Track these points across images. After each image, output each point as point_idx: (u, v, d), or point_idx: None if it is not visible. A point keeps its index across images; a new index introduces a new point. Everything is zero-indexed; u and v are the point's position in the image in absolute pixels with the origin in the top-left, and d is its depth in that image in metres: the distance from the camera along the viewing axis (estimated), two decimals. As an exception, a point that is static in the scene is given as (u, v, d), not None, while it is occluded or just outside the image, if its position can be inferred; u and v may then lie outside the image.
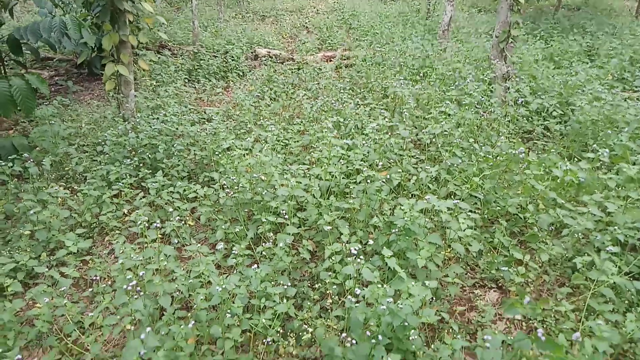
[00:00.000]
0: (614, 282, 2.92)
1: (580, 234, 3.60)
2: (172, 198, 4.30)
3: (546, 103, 6.07)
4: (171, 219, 3.87)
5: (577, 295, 3.32)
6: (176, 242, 3.82)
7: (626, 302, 3.12)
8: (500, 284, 3.55)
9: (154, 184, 4.36)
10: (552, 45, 9.40)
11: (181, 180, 4.77)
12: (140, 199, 4.30)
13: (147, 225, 3.71)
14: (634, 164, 4.44)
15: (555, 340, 2.42)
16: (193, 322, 2.66)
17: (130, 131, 5.31)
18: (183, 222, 4.08)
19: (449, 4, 9.73)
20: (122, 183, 4.45)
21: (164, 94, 7.15)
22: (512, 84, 6.36)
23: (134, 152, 5.09)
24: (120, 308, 2.84)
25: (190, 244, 3.76)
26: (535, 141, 5.75)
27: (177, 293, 3.09)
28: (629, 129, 5.19)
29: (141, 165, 4.97)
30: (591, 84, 6.66)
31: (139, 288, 2.81)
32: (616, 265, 3.07)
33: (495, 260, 3.55)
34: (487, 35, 11.17)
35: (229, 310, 2.81)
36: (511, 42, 6.60)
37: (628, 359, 2.82)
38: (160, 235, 3.96)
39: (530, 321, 3.16)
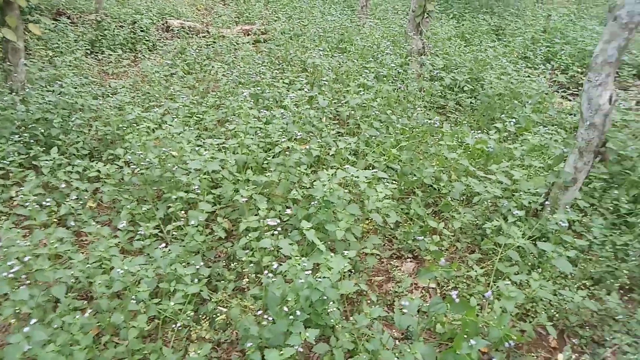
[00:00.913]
0: (519, 246, 3.07)
1: (489, 201, 3.75)
2: (70, 178, 3.88)
3: (458, 78, 6.27)
4: (68, 200, 3.49)
5: (487, 260, 3.46)
6: (73, 224, 3.45)
7: (529, 263, 3.30)
8: (416, 254, 3.62)
9: (47, 162, 3.90)
10: (463, 24, 9.76)
11: (81, 159, 4.33)
12: (31, 179, 3.83)
13: (38, 207, 3.32)
14: (536, 134, 4.72)
15: (466, 301, 2.48)
16: (91, 311, 2.40)
17: (18, 104, 4.71)
18: (83, 204, 3.69)
19: (366, -21, 9.72)
20: (9, 162, 3.94)
21: (61, 64, 6.45)
22: (427, 58, 6.48)
23: (23, 128, 4.53)
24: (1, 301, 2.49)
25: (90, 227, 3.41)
26: (448, 115, 5.93)
27: (74, 281, 2.78)
28: (531, 101, 5.51)
29: (33, 142, 4.43)
30: (498, 60, 6.99)
31: (24, 276, 2.48)
32: (521, 230, 3.23)
33: (412, 231, 3.60)
34: (404, 12, 11.35)
35: (133, 297, 2.58)
36: (426, 17, 6.71)
37: (530, 317, 2.98)
38: (55, 220, 3.58)
39: (444, 288, 3.24)
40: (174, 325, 2.56)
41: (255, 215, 3.49)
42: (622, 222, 3.76)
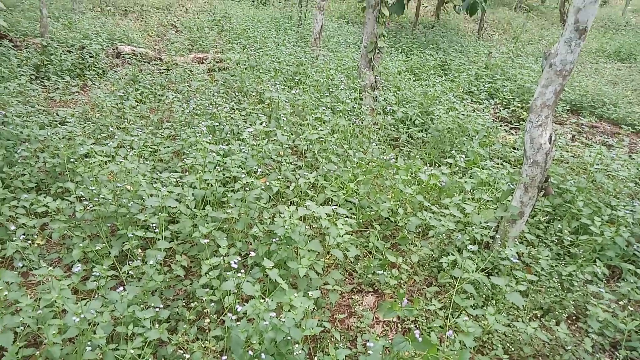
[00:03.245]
0: (474, 279, 3.20)
1: (443, 234, 3.90)
2: (16, 213, 3.67)
3: (410, 112, 6.54)
4: (14, 238, 3.30)
5: (444, 293, 3.57)
6: (21, 265, 3.26)
7: (484, 296, 3.44)
8: (376, 288, 3.68)
9: (-10, 197, 3.68)
10: (411, 59, 10.21)
11: (28, 192, 4.12)
12: (-28, 216, 3.60)
13: (-20, 248, 3.11)
14: (483, 168, 4.97)
15: (429, 339, 2.55)
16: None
17: (-44, 135, 4.44)
18: (30, 241, 3.50)
19: (319, 12, 10.01)
20: (-53, 197, 3.69)
21: (3, 91, 6.15)
22: (379, 93, 6.72)
23: (-38, 160, 4.26)
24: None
25: (39, 267, 3.23)
26: (401, 148, 6.14)
27: (23, 327, 2.61)
28: (478, 136, 5.81)
29: (-27, 175, 4.17)
30: (446, 95, 7.36)
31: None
32: (474, 263, 3.37)
33: (371, 265, 3.66)
34: (355, 45, 11.74)
35: (89, 343, 2.46)
36: (378, 52, 6.98)
37: (487, 349, 3.10)
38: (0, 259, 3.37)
39: (405, 322, 3.31)
40: (132, 373, 2.45)
41: (215, 251, 3.46)
42: (565, 253, 4.02)
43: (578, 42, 3.35)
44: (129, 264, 3.07)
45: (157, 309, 2.75)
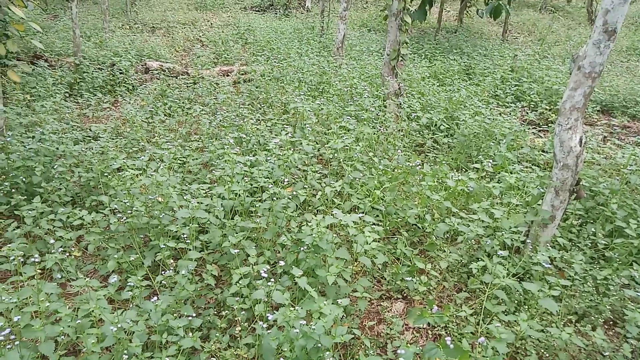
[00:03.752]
0: (505, 285, 3.15)
1: (472, 240, 3.85)
2: (54, 226, 3.82)
3: (434, 117, 6.50)
4: (53, 250, 3.43)
5: (474, 298, 3.52)
6: (59, 277, 3.39)
7: (515, 301, 3.38)
8: (405, 294, 3.66)
9: (30, 211, 3.84)
10: (435, 64, 10.15)
11: (64, 206, 4.28)
12: (14, 230, 3.75)
13: (22, 260, 3.25)
14: (511, 172, 4.90)
15: (460, 346, 2.53)
16: (83, 369, 2.34)
17: (-1, 152, 4.66)
18: (67, 253, 3.63)
19: (341, 22, 10.08)
20: (-10, 212, 3.87)
21: (40, 109, 6.42)
22: (403, 99, 6.71)
23: (4, 176, 4.46)
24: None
25: (76, 279, 3.35)
26: (426, 153, 6.11)
27: (63, 337, 2.71)
28: (505, 140, 5.73)
29: (14, 190, 4.36)
30: (471, 100, 7.29)
31: (13, 336, 2.42)
32: (505, 268, 3.32)
33: (400, 271, 3.65)
34: (378, 53, 11.76)
35: (125, 351, 2.53)
36: (401, 60, 6.98)
37: (520, 355, 3.04)
38: (39, 271, 3.50)
39: (435, 329, 3.28)
40: (167, 380, 2.51)
41: (245, 260, 3.51)
42: (600, 257, 3.91)
43: (607, 43, 3.28)
44: (161, 274, 3.15)
45: (190, 318, 2.81)
